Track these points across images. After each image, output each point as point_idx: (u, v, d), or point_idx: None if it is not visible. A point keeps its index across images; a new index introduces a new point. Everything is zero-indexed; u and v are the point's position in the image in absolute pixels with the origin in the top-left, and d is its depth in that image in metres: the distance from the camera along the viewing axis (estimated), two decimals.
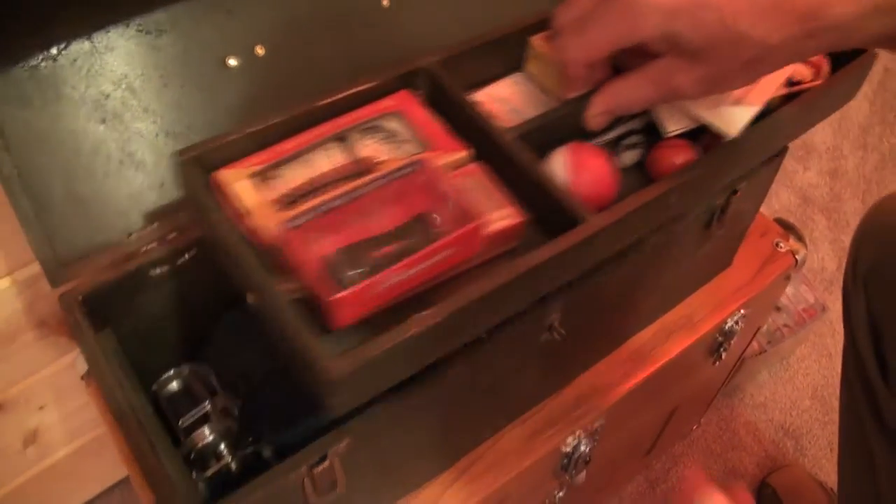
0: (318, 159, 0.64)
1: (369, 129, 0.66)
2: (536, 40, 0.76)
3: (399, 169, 0.61)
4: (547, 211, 0.67)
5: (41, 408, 1.21)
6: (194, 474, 0.75)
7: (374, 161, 0.65)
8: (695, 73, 0.60)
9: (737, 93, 0.70)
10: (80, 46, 0.78)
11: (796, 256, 1.17)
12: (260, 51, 0.88)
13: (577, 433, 0.96)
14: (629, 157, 0.80)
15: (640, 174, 0.80)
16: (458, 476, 0.90)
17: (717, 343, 1.14)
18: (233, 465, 0.77)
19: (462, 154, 0.66)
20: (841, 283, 1.02)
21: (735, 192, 0.92)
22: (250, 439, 0.81)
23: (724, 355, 1.18)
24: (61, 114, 0.79)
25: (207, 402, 0.79)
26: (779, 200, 1.98)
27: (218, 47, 0.85)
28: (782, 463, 1.52)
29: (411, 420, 0.75)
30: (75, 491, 1.42)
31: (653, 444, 1.37)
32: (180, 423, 0.78)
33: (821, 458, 1.54)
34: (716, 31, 0.56)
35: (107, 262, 0.80)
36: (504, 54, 0.75)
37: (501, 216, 0.65)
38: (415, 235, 0.58)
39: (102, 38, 0.79)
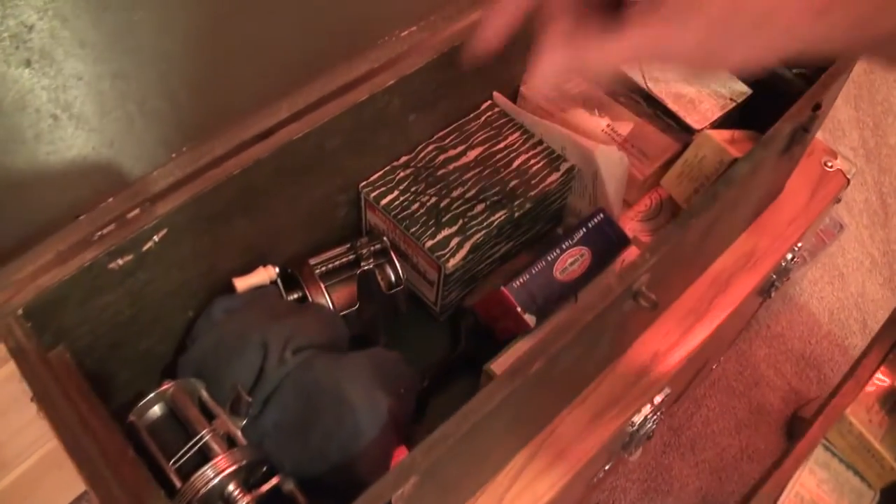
0: None
1: None
2: None
3: None
4: None
5: None
6: None
7: None
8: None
9: None
10: None
11: (847, 176, 1.03)
12: None
13: (644, 409, 0.80)
14: None
15: None
16: (515, 478, 0.74)
17: (771, 282, 1.00)
18: None
19: None
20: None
21: (818, 106, 0.76)
22: (265, 469, 0.63)
23: (773, 294, 1.04)
24: None
25: (205, 430, 0.61)
26: None
27: None
28: (806, 396, 1.41)
29: (480, 436, 0.58)
30: None
31: (682, 392, 1.24)
32: (172, 463, 0.59)
33: None
34: None
35: (51, 258, 0.60)
36: None
37: None
38: None
39: None
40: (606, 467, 0.97)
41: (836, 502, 0.60)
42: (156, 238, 0.63)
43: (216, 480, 0.58)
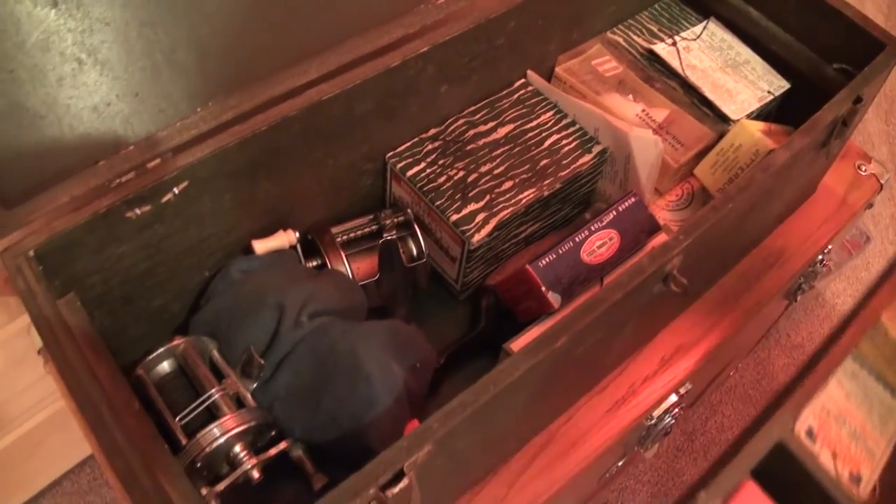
0: None
1: None
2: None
3: None
4: None
5: None
6: (203, 490, 0.55)
7: None
8: None
9: None
10: None
11: (881, 180, 1.01)
12: None
13: (664, 403, 0.78)
14: None
15: None
16: (529, 463, 0.72)
17: (798, 284, 0.97)
18: (254, 473, 0.57)
19: None
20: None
21: (860, 99, 0.73)
22: (273, 434, 0.61)
23: (799, 297, 1.02)
24: None
25: (214, 389, 0.59)
26: None
27: None
28: None
29: (497, 411, 0.56)
30: (40, 471, 1.24)
31: (700, 394, 1.21)
32: (179, 419, 0.57)
33: None
34: None
35: (66, 201, 0.58)
36: None
37: None
38: None
39: None
40: (620, 463, 0.94)
41: (865, 417, 0.57)
42: (176, 190, 0.61)
43: (222, 440, 0.57)
